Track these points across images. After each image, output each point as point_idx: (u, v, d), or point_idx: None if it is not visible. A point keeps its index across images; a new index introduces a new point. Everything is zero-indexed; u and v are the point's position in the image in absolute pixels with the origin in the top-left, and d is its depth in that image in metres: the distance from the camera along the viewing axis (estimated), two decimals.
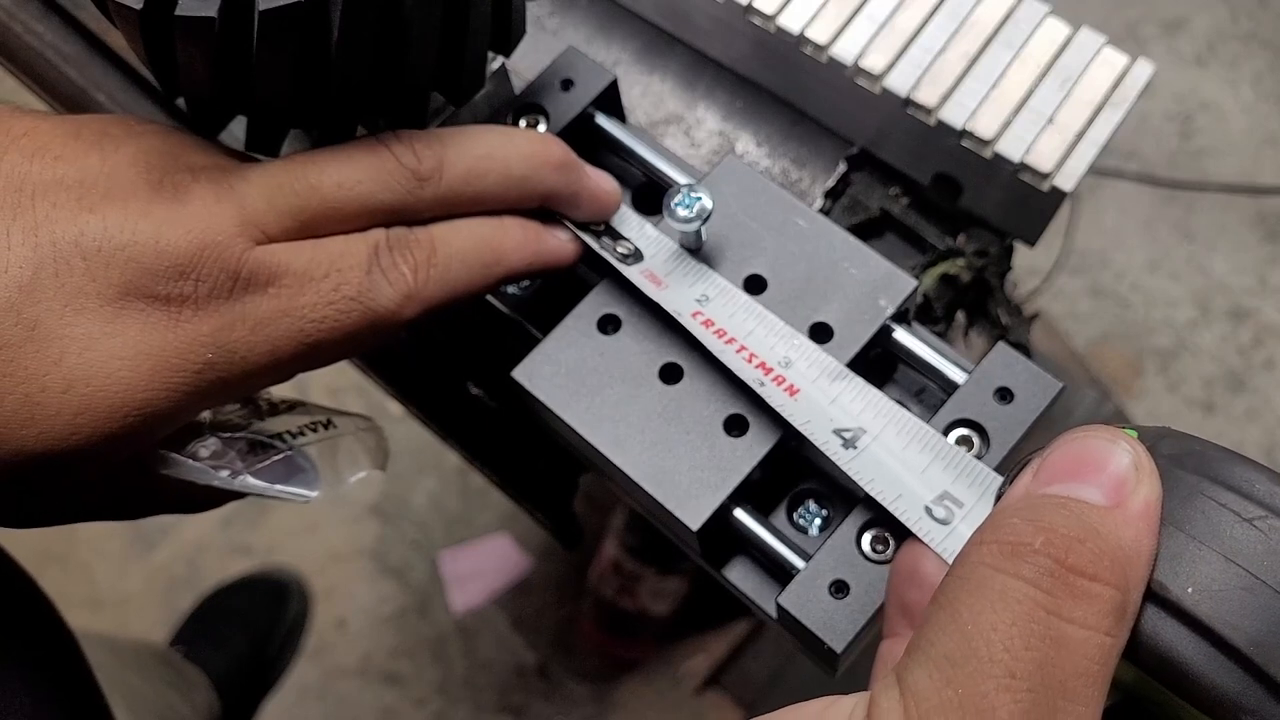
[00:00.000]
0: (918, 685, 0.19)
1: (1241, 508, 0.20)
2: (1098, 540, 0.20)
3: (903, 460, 0.28)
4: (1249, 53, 1.32)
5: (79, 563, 1.19)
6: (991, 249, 0.41)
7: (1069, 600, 0.19)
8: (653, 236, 0.34)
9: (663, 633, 1.00)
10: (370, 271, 0.29)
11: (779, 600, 0.29)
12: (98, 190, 0.27)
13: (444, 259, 0.30)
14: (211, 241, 0.27)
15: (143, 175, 0.28)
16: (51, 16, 0.46)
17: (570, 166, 0.32)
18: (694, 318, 0.32)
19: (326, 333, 0.28)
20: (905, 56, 0.37)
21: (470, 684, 1.12)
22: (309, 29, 0.27)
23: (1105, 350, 1.20)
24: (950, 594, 0.20)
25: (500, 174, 0.31)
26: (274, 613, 1.12)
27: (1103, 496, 0.20)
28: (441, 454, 1.19)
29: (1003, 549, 0.20)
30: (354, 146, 0.29)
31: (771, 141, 0.43)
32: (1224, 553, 0.20)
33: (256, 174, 0.29)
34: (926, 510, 0.27)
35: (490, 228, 0.31)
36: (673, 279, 0.33)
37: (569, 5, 0.46)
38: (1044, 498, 0.21)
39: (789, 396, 0.30)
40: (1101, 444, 0.21)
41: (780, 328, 0.31)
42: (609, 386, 0.32)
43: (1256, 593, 0.20)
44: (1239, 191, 1.25)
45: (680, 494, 0.31)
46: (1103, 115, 0.36)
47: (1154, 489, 0.21)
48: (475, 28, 0.30)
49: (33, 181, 0.27)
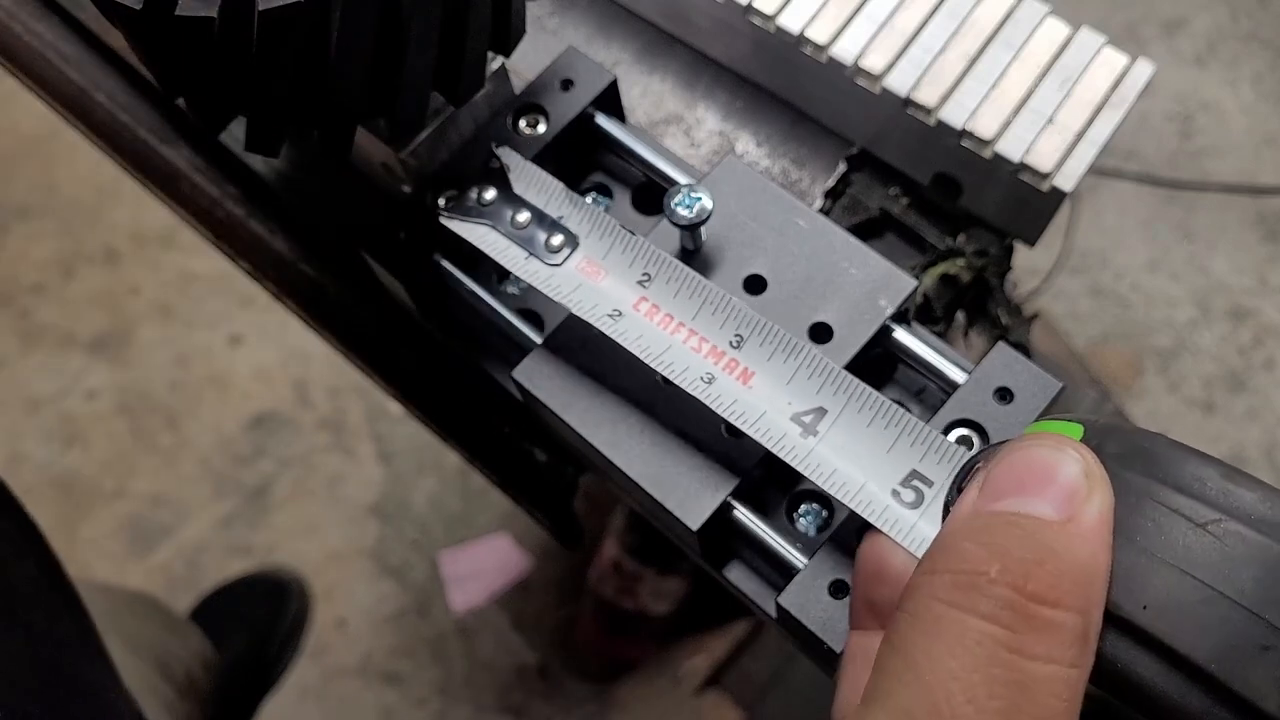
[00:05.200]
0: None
1: (1194, 512, 0.19)
2: (1055, 561, 0.19)
3: (865, 442, 0.27)
4: (1249, 52, 1.32)
5: (79, 562, 1.19)
6: (991, 249, 0.41)
7: (1030, 635, 0.18)
8: (584, 211, 0.32)
9: (663, 633, 1.00)
10: None
11: (779, 600, 0.29)
12: None
13: None
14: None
15: None
16: (51, 16, 0.46)
17: None
18: (637, 308, 0.31)
19: None
20: (905, 56, 0.37)
21: (470, 684, 1.12)
22: (309, 29, 0.27)
23: (1105, 350, 1.20)
24: (905, 636, 0.19)
25: None
26: (274, 612, 1.12)
27: (1054, 510, 0.19)
28: (442, 454, 1.20)
29: (956, 580, 0.19)
30: None
31: (771, 141, 0.43)
32: (1178, 564, 0.19)
33: None
34: (894, 494, 0.26)
35: None
36: (611, 260, 0.31)
37: (569, 5, 0.46)
38: (994, 515, 0.20)
39: (742, 385, 0.29)
40: (1048, 453, 0.20)
41: (727, 302, 0.30)
42: (609, 386, 0.32)
43: (1214, 605, 0.18)
44: (1239, 191, 1.25)
45: (680, 494, 0.31)
46: (1102, 115, 0.36)
47: (1106, 498, 0.19)
48: (475, 28, 0.30)
49: None
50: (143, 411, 1.25)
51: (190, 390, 1.26)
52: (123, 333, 1.29)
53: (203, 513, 1.21)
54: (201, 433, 1.24)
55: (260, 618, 1.11)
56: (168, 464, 1.23)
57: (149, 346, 1.28)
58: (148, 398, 1.26)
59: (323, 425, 1.24)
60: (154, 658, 0.74)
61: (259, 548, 1.19)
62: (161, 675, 0.72)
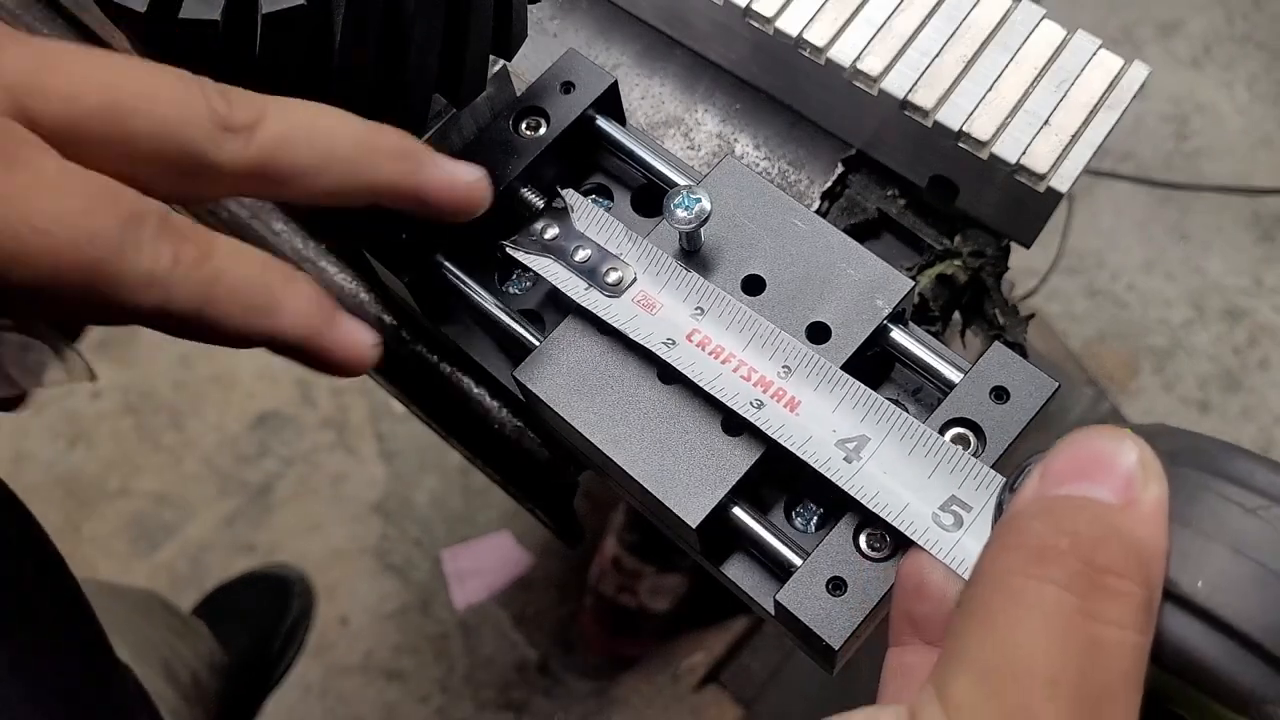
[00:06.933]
0: (960, 697, 0.19)
1: (1244, 499, 0.21)
2: (1119, 538, 0.20)
3: (907, 468, 0.29)
4: (1244, 54, 1.33)
5: (83, 560, 1.19)
6: (988, 250, 0.42)
7: (1102, 602, 0.19)
8: (641, 248, 0.34)
9: (662, 630, 1.00)
10: (127, 227, 0.24)
11: (777, 597, 0.30)
12: None
13: (213, 270, 0.25)
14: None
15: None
16: (55, 19, 0.47)
17: (406, 156, 0.28)
18: (690, 339, 0.32)
19: (36, 256, 0.23)
20: (902, 59, 0.38)
21: (472, 680, 1.12)
22: (312, 32, 0.27)
23: (1101, 350, 1.21)
24: (982, 603, 0.20)
25: (323, 150, 0.27)
26: (277, 610, 1.13)
27: (1114, 495, 0.20)
28: (443, 453, 1.20)
29: (1029, 554, 0.20)
30: (164, 69, 0.25)
31: (770, 143, 0.43)
32: (1232, 545, 0.20)
33: (41, 44, 0.25)
34: (934, 518, 0.27)
35: (277, 275, 0.26)
36: (666, 294, 0.33)
37: (570, 8, 0.46)
38: (1059, 499, 0.21)
39: (789, 413, 0.30)
40: (1107, 443, 0.21)
41: (776, 336, 0.31)
42: (610, 386, 0.33)
43: (1267, 582, 0.20)
44: (1234, 192, 1.26)
45: (680, 492, 0.31)
46: (1098, 117, 0.37)
47: (1162, 484, 0.21)
48: (477, 31, 0.31)
49: None
50: (147, 410, 1.26)
51: (194, 389, 1.27)
52: (127, 332, 1.29)
53: (206, 511, 1.21)
54: (205, 432, 1.25)
55: (263, 615, 1.11)
56: (172, 463, 1.23)
57: (153, 346, 1.28)
58: (152, 397, 1.26)
59: (326, 424, 1.24)
60: (160, 662, 0.73)
61: (262, 546, 1.19)
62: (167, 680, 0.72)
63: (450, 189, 0.29)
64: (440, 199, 0.29)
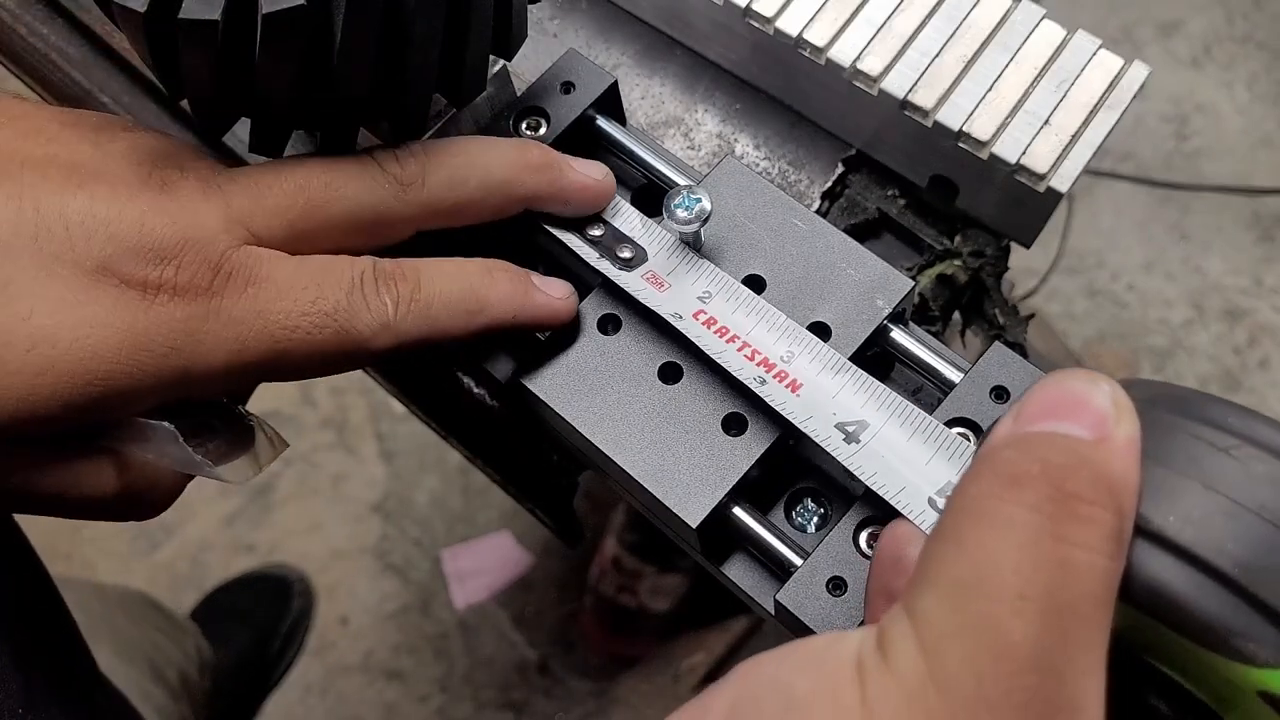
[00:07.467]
0: (928, 613, 0.20)
1: (1216, 439, 0.21)
2: (1091, 468, 0.20)
3: (905, 453, 0.29)
4: (1244, 54, 1.33)
5: (83, 560, 1.20)
6: (988, 250, 0.42)
7: (1072, 525, 0.19)
8: (655, 234, 0.34)
9: (662, 630, 1.00)
10: (351, 293, 0.29)
11: (777, 597, 0.30)
12: (87, 171, 0.27)
13: (426, 297, 0.30)
14: (195, 235, 0.27)
15: (133, 167, 0.28)
16: (56, 19, 0.47)
17: (549, 167, 0.33)
18: (696, 318, 0.32)
19: (297, 343, 0.28)
20: (902, 59, 0.38)
21: (471, 680, 1.12)
22: (312, 32, 0.27)
23: (1101, 350, 1.21)
24: (953, 525, 0.20)
25: (480, 180, 0.31)
26: (277, 610, 1.13)
27: (1087, 432, 0.21)
28: (443, 453, 1.20)
29: (1001, 480, 0.20)
30: (340, 156, 0.31)
31: (770, 143, 0.43)
32: (1203, 481, 0.20)
33: (244, 174, 0.29)
34: (930, 502, 0.28)
35: (477, 275, 0.31)
36: (675, 277, 0.33)
37: (570, 8, 0.46)
38: (1032, 433, 0.21)
39: (791, 393, 0.30)
40: (1080, 384, 0.21)
41: (782, 322, 0.32)
42: (609, 386, 0.33)
43: (1237, 517, 0.20)
44: (1234, 192, 1.26)
45: (680, 492, 0.31)
46: (1098, 117, 0.37)
47: (1134, 423, 0.21)
48: (477, 30, 0.31)
49: (23, 155, 0.27)
50: None
51: None
52: None
53: (206, 511, 1.21)
54: None
55: (263, 615, 1.12)
56: None
57: None
58: None
59: (326, 424, 1.24)
60: (145, 660, 0.73)
61: (262, 546, 1.19)
62: (153, 679, 0.72)
63: (585, 188, 0.33)
64: (581, 197, 0.33)
